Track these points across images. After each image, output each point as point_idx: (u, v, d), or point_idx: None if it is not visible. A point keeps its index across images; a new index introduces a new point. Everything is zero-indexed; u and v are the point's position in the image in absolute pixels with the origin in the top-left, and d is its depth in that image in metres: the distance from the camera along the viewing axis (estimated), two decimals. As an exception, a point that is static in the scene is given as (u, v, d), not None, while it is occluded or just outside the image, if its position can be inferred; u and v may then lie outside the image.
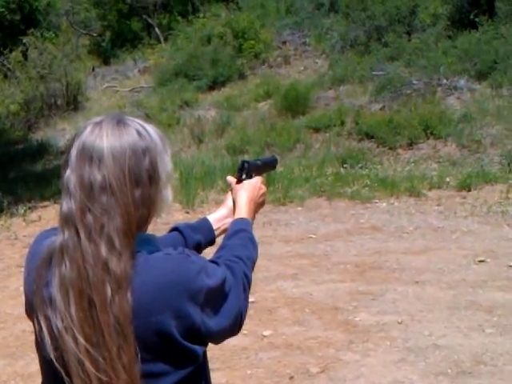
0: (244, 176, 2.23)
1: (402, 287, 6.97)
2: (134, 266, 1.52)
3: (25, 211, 10.89)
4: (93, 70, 23.01)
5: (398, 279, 7.23)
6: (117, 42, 25.06)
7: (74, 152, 1.56)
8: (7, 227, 10.14)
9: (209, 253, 1.94)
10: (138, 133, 1.59)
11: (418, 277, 7.25)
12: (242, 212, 2.12)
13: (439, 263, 7.65)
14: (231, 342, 5.55)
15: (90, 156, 1.53)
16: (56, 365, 1.50)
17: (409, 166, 12.85)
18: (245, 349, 5.65)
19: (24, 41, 19.63)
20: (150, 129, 1.64)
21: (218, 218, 2.23)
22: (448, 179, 11.49)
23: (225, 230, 2.14)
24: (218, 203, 2.34)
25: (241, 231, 1.99)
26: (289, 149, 14.41)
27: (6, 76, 20.53)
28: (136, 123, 1.62)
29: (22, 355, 5.57)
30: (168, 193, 1.66)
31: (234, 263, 1.78)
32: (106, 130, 1.56)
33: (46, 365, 1.59)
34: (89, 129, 1.57)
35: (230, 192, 2.26)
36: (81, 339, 1.47)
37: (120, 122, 1.59)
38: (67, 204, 1.53)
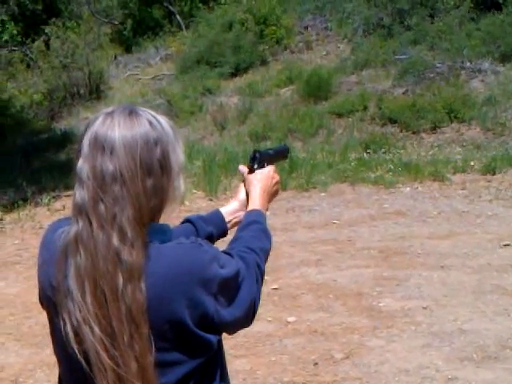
0: (256, 166, 2.23)
1: (426, 272, 6.94)
2: (146, 256, 1.52)
3: (49, 200, 10.96)
4: (115, 58, 23.01)
5: (423, 264, 7.21)
6: (138, 29, 25.03)
7: (86, 142, 1.56)
8: (31, 217, 10.21)
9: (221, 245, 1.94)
10: (150, 123, 1.60)
11: (443, 261, 7.22)
12: (256, 203, 2.11)
13: (464, 248, 7.61)
14: (255, 328, 5.56)
15: (101, 146, 1.54)
16: (80, 358, 1.50)
17: (432, 150, 12.77)
18: (269, 335, 5.66)
19: (46, 30, 19.69)
20: (162, 120, 1.64)
21: (230, 211, 2.22)
22: (472, 163, 11.41)
23: (236, 223, 2.14)
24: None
25: (254, 223, 1.98)
26: (311, 134, 14.35)
27: (28, 66, 20.63)
28: (148, 114, 1.62)
29: (49, 344, 5.54)
30: (180, 183, 1.66)
31: (247, 254, 1.78)
32: (118, 120, 1.57)
33: (65, 357, 1.60)
34: (100, 119, 1.58)
35: (242, 183, 2.26)
36: (96, 329, 1.48)
37: (132, 113, 1.60)
38: (80, 194, 1.55)
